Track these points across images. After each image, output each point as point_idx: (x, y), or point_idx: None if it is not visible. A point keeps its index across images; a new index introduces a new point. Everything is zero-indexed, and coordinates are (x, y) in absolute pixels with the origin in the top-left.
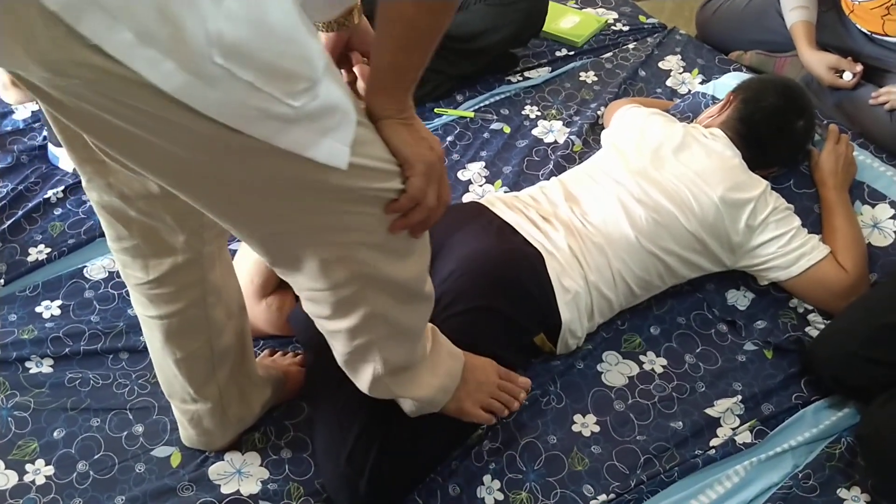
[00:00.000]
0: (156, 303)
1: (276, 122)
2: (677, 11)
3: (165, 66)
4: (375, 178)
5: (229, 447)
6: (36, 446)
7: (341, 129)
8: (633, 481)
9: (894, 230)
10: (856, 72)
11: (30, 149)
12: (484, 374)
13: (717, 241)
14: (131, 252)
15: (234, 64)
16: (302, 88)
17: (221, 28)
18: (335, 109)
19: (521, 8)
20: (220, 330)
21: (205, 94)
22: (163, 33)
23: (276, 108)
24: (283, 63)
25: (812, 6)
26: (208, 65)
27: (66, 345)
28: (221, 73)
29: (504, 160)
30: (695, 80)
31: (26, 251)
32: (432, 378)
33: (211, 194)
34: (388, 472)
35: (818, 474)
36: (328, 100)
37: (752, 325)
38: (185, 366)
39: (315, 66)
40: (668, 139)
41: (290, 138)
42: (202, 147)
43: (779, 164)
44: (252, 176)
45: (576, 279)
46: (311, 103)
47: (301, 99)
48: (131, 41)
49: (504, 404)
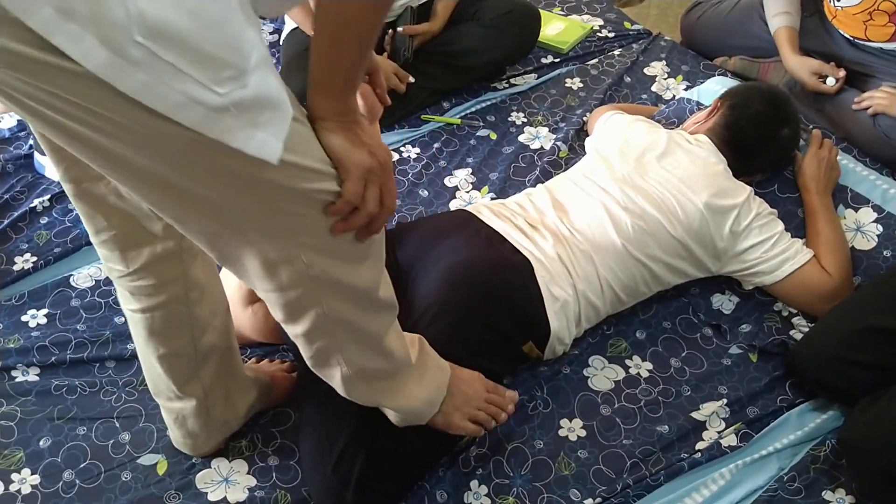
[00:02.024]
0: (137, 296)
1: (202, 109)
2: (662, 18)
3: (87, 41)
4: (310, 178)
5: (216, 453)
6: (22, 455)
7: (274, 123)
8: (619, 485)
9: (877, 234)
10: (839, 77)
11: (15, 157)
12: (471, 387)
13: (702, 248)
14: (110, 244)
15: (155, 44)
16: (228, 76)
17: (142, 6)
18: (268, 103)
19: (513, 32)
20: (203, 328)
21: (128, 73)
22: (84, 8)
23: (200, 94)
24: (208, 48)
25: (795, 12)
26: (129, 43)
27: (53, 353)
28: (143, 53)
29: (490, 166)
30: (679, 85)
31: (12, 260)
32: (418, 389)
33: (150, 189)
34: (374, 482)
35: (803, 476)
36: (261, 92)
37: (736, 329)
38: (167, 362)
39: (245, 54)
40: (651, 146)
41: (219, 128)
42: (134, 138)
43: (763, 170)
44: (185, 169)
45: (564, 287)
46: (239, 92)
47: (226, 86)
48: (52, 16)
49: (491, 416)
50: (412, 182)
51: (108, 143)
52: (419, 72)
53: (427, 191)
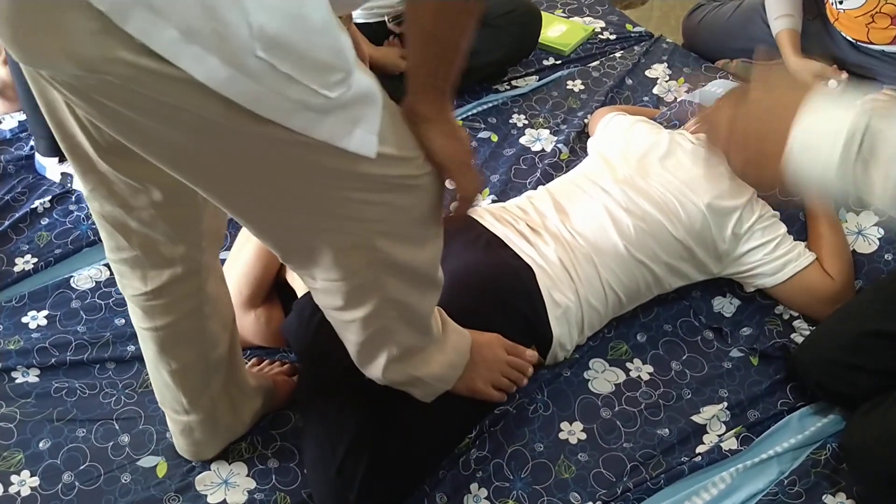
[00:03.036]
0: (151, 314)
1: (312, 114)
2: (664, 20)
3: (210, 61)
4: (397, 165)
5: (216, 456)
6: (21, 457)
7: (369, 117)
8: (619, 489)
9: (878, 237)
10: (841, 79)
11: (17, 159)
12: (491, 351)
13: (703, 250)
14: (130, 263)
15: (274, 56)
16: (337, 79)
17: (262, 21)
18: (365, 98)
19: (514, 32)
20: (215, 342)
21: (246, 87)
22: (207, 29)
23: (313, 100)
24: (320, 55)
25: (797, 14)
26: (251, 58)
27: (53, 355)
28: (263, 67)
29: (491, 168)
30: (681, 88)
31: (13, 261)
32: (441, 356)
33: (235, 188)
34: (378, 484)
35: (804, 480)
36: (359, 89)
37: (737, 332)
38: (179, 377)
39: (347, 55)
40: (653, 147)
41: (325, 129)
42: (232, 141)
43: None
44: (280, 169)
45: (566, 293)
46: (346, 94)
47: (337, 90)
48: (177, 38)
49: (513, 381)
50: None
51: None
52: None
53: None
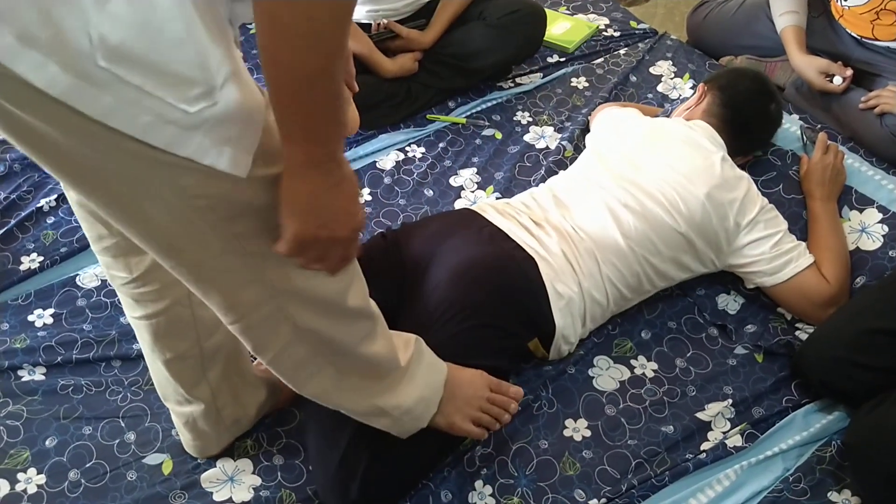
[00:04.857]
0: (142, 302)
1: (175, 129)
2: (668, 17)
3: (49, 68)
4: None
5: (220, 453)
6: (28, 455)
7: (245, 136)
8: (624, 486)
9: (882, 234)
10: (846, 76)
11: (22, 157)
12: (472, 388)
13: (704, 241)
14: (112, 250)
15: (119, 67)
16: (197, 94)
17: (104, 31)
18: (239, 116)
19: (521, 32)
20: (209, 329)
21: (94, 97)
22: (44, 35)
23: (171, 114)
24: (176, 67)
25: (802, 11)
26: (93, 68)
27: (59, 353)
28: (108, 77)
29: (496, 166)
30: (685, 84)
31: (19, 260)
32: (410, 388)
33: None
34: (380, 477)
35: (808, 478)
36: (229, 105)
37: (742, 329)
38: (174, 366)
39: (213, 71)
40: (646, 139)
41: (191, 146)
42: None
43: (758, 147)
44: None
45: (569, 284)
46: (210, 109)
47: (197, 104)
48: (12, 43)
49: (495, 417)
50: (417, 181)
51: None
52: (426, 71)
53: (432, 190)
